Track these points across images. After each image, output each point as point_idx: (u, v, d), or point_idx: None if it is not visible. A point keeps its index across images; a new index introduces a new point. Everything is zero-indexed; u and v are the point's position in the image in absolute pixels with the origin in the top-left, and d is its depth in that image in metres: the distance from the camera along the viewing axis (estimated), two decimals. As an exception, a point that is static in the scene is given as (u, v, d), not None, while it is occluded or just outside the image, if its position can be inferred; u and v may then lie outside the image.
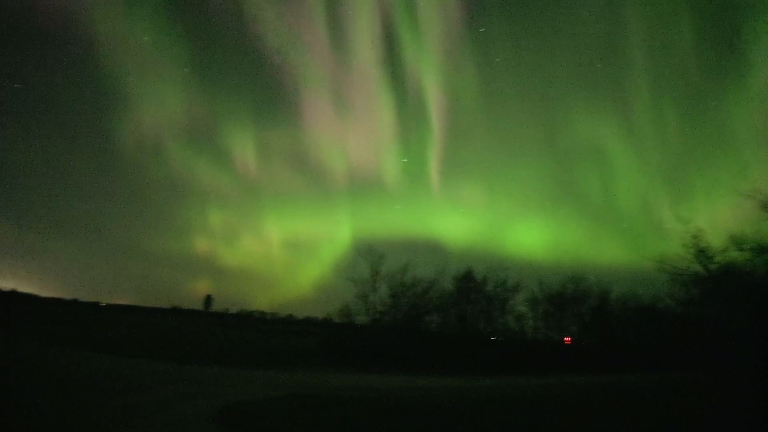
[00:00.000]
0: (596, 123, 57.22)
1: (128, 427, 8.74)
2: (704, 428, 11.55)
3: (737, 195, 22.86)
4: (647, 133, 54.07)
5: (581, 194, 57.91)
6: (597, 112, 56.75)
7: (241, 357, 32.26)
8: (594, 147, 56.96)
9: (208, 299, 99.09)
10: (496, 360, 35.90)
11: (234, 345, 43.12)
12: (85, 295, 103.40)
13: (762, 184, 21.61)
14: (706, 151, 49.16)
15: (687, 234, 23.72)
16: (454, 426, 10.80)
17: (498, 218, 61.00)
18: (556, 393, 19.87)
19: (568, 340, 43.65)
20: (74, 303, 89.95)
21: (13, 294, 77.53)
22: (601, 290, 42.87)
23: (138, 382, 15.35)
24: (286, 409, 12.33)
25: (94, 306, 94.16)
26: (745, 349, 22.16)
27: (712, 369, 23.47)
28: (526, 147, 62.79)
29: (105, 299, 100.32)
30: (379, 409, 13.06)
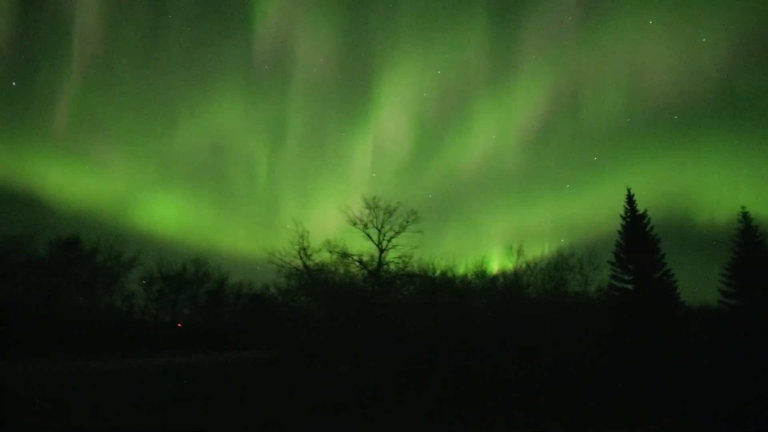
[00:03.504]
0: (253, 127, 60.06)
1: None
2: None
3: (338, 209, 27.86)
4: (291, 145, 60.61)
5: (226, 180, 58.86)
6: (256, 120, 59.54)
7: None
8: (247, 144, 59.29)
9: None
10: (95, 341, 31.32)
11: None
12: None
13: (354, 204, 27.16)
14: (328, 171, 59.09)
15: (297, 233, 27.12)
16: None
17: (133, 186, 54.28)
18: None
19: (179, 325, 42.76)
20: None
21: None
22: (221, 275, 44.24)
23: None
24: None
25: None
26: (322, 334, 26.91)
27: (295, 348, 27.43)
28: (177, 116, 58.87)
29: None
30: None
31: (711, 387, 15.32)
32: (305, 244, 27.13)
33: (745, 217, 23.08)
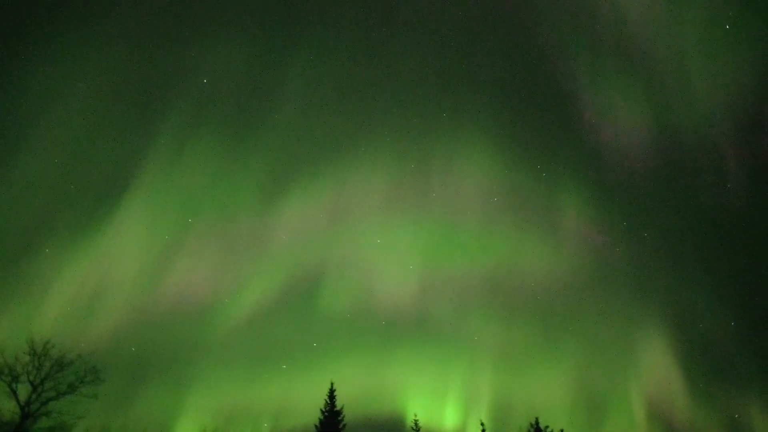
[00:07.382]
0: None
1: None
2: None
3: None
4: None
5: None
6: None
7: None
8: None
9: None
10: None
11: None
12: None
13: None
14: (6, 293, 44.37)
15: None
16: None
17: None
18: None
19: None
20: None
21: None
22: None
23: None
24: None
25: None
26: None
27: None
28: None
29: None
30: None
31: None
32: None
33: (416, 424, 26.79)
